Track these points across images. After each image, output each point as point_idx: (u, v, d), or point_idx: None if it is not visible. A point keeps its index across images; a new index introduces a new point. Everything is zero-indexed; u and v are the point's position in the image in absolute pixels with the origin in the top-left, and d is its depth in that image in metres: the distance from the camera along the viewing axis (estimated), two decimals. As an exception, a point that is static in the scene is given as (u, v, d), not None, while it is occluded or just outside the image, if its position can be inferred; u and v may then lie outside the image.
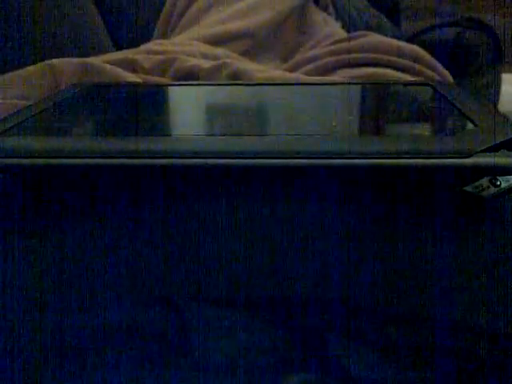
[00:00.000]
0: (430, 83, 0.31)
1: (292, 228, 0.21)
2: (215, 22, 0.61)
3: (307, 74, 0.52)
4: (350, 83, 0.33)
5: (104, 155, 0.21)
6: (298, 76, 0.48)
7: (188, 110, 0.30)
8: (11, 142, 0.22)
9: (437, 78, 0.51)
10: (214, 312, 0.22)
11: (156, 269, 0.21)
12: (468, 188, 0.20)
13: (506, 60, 0.81)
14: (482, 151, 0.20)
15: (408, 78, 0.49)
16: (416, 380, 0.22)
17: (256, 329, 0.22)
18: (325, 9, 0.68)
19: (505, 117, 0.23)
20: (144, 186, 0.22)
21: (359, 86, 0.32)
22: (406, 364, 0.22)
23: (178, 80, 0.47)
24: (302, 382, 0.22)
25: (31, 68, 0.43)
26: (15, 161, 0.21)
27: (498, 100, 0.82)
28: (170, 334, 0.22)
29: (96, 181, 0.21)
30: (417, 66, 0.52)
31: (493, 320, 0.21)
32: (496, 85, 0.81)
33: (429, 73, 0.51)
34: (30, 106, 0.28)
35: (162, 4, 0.69)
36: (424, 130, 0.24)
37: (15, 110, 0.28)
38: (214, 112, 0.30)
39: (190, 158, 0.20)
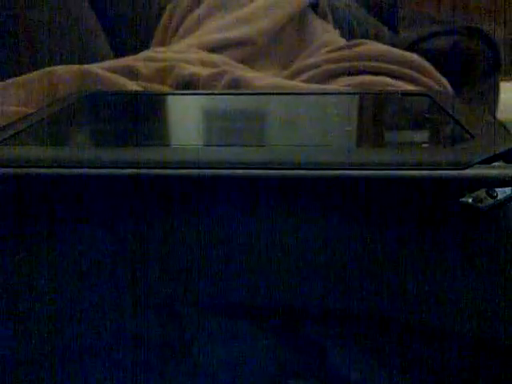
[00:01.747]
0: (428, 93, 0.31)
1: (291, 238, 0.21)
2: (214, 29, 0.61)
3: (306, 81, 0.52)
4: (347, 93, 0.33)
5: (103, 165, 0.21)
6: (296, 84, 0.48)
7: (187, 120, 0.30)
8: (10, 151, 0.22)
9: (435, 86, 0.51)
10: (213, 320, 0.22)
11: (156, 277, 0.21)
12: (465, 199, 0.20)
13: (505, 69, 0.82)
14: (480, 163, 0.20)
15: (406, 86, 0.49)
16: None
17: (256, 336, 0.22)
18: (324, 17, 0.68)
19: (502, 128, 0.24)
20: (143, 196, 0.22)
21: (357, 96, 0.32)
22: (406, 371, 0.22)
23: (177, 87, 0.47)
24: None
25: (30, 75, 0.43)
26: (14, 171, 0.21)
27: (496, 108, 0.82)
28: (170, 342, 0.22)
29: (95, 191, 0.21)
30: (415, 75, 0.52)
31: (491, 328, 0.21)
32: (494, 93, 0.82)
33: (427, 81, 0.52)
34: (28, 115, 0.28)
35: (162, 11, 0.70)
36: (422, 140, 0.24)
37: (14, 118, 0.28)
38: (212, 122, 0.30)
39: (188, 169, 0.21)
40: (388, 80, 0.50)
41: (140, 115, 0.30)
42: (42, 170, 0.21)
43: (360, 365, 0.22)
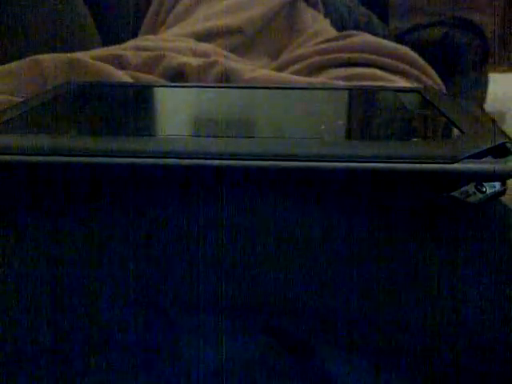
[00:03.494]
0: (419, 90, 0.31)
1: (281, 233, 0.21)
2: (204, 18, 0.61)
3: (296, 73, 0.52)
4: (339, 88, 0.33)
5: (91, 154, 0.21)
6: (287, 76, 0.48)
7: (177, 111, 0.30)
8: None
9: (426, 79, 0.52)
10: (202, 320, 0.22)
11: (144, 275, 0.21)
12: (454, 194, 0.20)
13: (494, 60, 0.82)
14: (468, 157, 0.20)
15: (397, 78, 0.49)
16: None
17: (245, 338, 0.22)
18: (314, 6, 0.68)
19: (492, 123, 0.24)
20: (132, 187, 0.22)
21: (349, 92, 0.32)
22: (396, 372, 0.22)
23: (167, 77, 0.47)
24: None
25: (18, 63, 0.42)
26: (3, 158, 0.21)
27: (484, 100, 0.83)
28: (158, 342, 0.22)
29: (84, 180, 0.21)
30: (406, 68, 0.52)
31: (482, 322, 0.21)
32: (483, 84, 0.82)
33: (418, 74, 0.52)
34: (17, 104, 0.28)
35: (151, -1, 0.69)
36: (411, 136, 0.24)
37: (3, 107, 0.28)
38: (203, 114, 0.30)
39: (176, 159, 0.20)
40: (378, 72, 0.50)
41: (131, 106, 0.30)
42: (30, 158, 0.21)
43: (349, 366, 0.22)
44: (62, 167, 0.21)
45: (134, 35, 0.66)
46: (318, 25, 0.64)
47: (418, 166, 0.20)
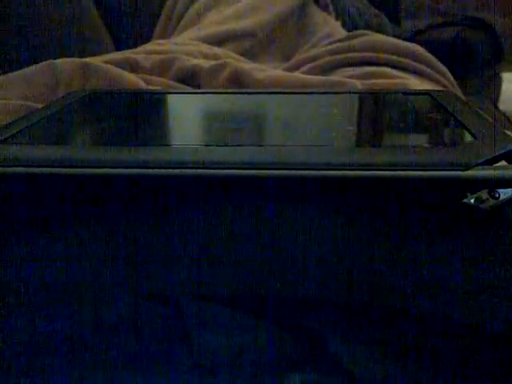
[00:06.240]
0: (430, 93, 0.31)
1: (291, 233, 0.21)
2: (216, 22, 0.61)
3: (307, 73, 0.52)
4: (349, 92, 0.33)
5: (104, 165, 0.21)
6: (298, 75, 0.48)
7: (188, 119, 0.30)
8: (12, 150, 0.22)
9: (438, 77, 0.51)
10: (214, 311, 0.22)
11: (157, 268, 0.21)
12: (467, 200, 0.20)
13: (507, 58, 0.81)
14: (482, 164, 0.20)
15: (408, 76, 0.49)
16: (416, 379, 0.22)
17: (257, 328, 0.22)
18: (325, 8, 0.68)
19: (504, 126, 0.24)
20: (145, 194, 0.22)
21: (358, 96, 0.32)
22: (407, 364, 0.22)
23: (179, 80, 0.47)
24: (302, 382, 0.22)
25: (32, 68, 0.43)
26: (16, 169, 0.21)
27: (498, 99, 0.82)
28: (170, 333, 0.22)
29: (96, 190, 0.21)
30: (418, 66, 0.52)
31: (493, 324, 0.21)
32: (496, 83, 0.81)
33: (430, 72, 0.51)
34: (31, 113, 0.28)
35: (163, 4, 0.69)
36: (423, 141, 0.24)
37: (16, 112, 0.28)
38: (213, 121, 0.30)
39: (188, 169, 0.21)
40: (390, 71, 0.49)
41: (143, 115, 0.30)
42: (43, 170, 0.21)
43: (360, 355, 0.22)
44: (75, 179, 0.21)
45: (147, 40, 0.66)
46: (328, 27, 0.64)
47: (430, 173, 0.20)
